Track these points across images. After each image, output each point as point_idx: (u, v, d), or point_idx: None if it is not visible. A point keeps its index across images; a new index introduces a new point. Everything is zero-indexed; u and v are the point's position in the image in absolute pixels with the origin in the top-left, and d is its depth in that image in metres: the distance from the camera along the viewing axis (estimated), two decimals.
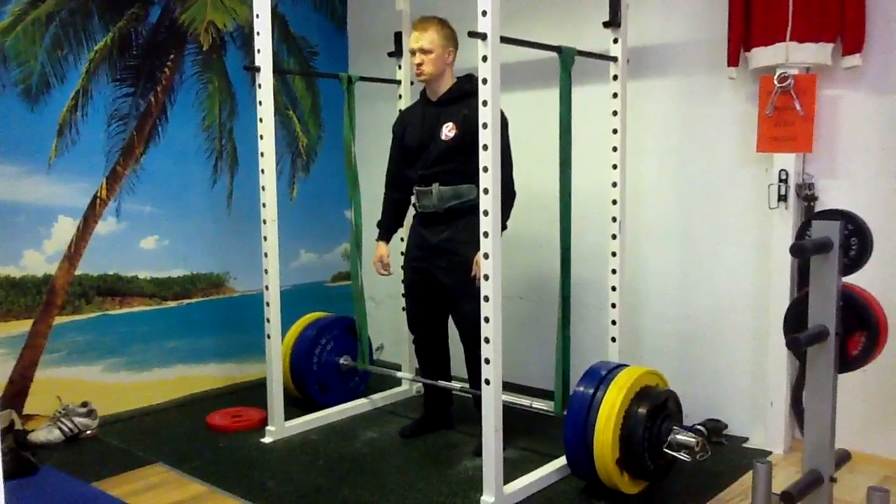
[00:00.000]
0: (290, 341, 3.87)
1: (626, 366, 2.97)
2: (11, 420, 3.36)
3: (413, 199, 3.44)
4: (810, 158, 3.20)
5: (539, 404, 3.23)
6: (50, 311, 3.67)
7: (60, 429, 3.46)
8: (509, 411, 2.87)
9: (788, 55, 3.07)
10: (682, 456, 2.75)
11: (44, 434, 3.43)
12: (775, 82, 3.10)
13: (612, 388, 2.80)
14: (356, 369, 3.99)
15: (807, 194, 3.18)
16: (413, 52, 3.28)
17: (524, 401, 3.27)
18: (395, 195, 3.56)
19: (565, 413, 2.92)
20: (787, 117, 3.12)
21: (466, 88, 3.27)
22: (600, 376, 2.87)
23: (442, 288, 3.35)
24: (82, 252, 3.75)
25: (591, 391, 2.83)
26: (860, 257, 2.30)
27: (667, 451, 2.77)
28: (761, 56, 3.15)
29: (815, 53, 3.04)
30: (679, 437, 2.78)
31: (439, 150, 3.25)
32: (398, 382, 4.15)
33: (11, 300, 3.54)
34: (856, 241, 2.29)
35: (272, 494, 2.95)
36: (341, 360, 3.96)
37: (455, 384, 3.54)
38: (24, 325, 3.59)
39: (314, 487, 3.01)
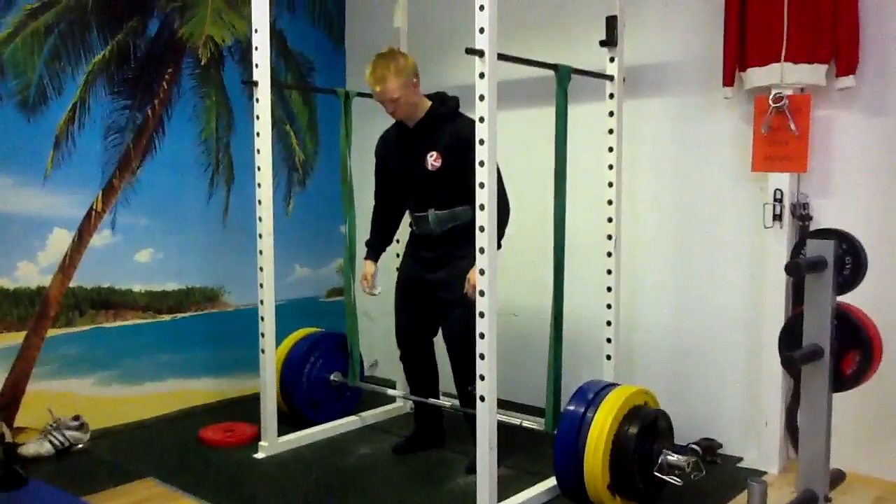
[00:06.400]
0: (279, 358, 3.83)
1: (615, 385, 2.96)
2: (2, 432, 3.33)
3: (410, 222, 3.45)
4: (805, 178, 3.21)
5: (529, 423, 3.20)
6: (43, 323, 3.65)
7: (51, 442, 3.43)
8: (502, 428, 2.86)
9: (783, 76, 3.09)
10: (674, 480, 2.72)
11: (34, 447, 3.40)
12: (770, 102, 3.11)
13: (601, 409, 2.78)
14: (347, 385, 3.97)
15: (801, 213, 3.19)
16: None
17: (514, 419, 3.22)
18: (383, 215, 3.58)
19: (555, 432, 2.90)
20: (781, 137, 3.13)
21: (442, 112, 3.27)
22: (589, 397, 2.85)
23: (435, 301, 3.34)
24: (77, 264, 3.74)
25: (581, 411, 2.81)
26: (854, 276, 2.31)
27: (657, 474, 2.74)
28: (756, 76, 3.17)
29: (810, 74, 3.06)
30: (670, 458, 2.74)
31: (428, 179, 3.25)
32: (392, 399, 4.13)
33: (4, 311, 3.52)
34: (850, 260, 2.30)
35: None
36: (332, 377, 3.93)
37: (446, 401, 3.52)
38: (17, 337, 3.57)
39: (305, 503, 2.99)
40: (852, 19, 3.00)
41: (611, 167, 3.30)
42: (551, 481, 3.01)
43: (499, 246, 3.13)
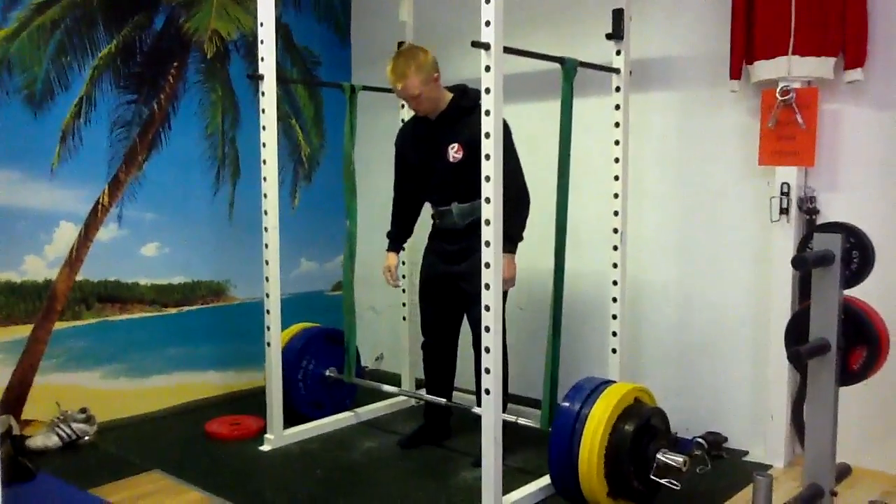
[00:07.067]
0: None
1: (610, 382, 2.92)
2: (10, 425, 3.35)
3: (432, 215, 3.45)
4: (812, 172, 3.20)
5: (525, 420, 3.15)
6: (50, 317, 3.66)
7: (59, 435, 3.45)
8: (507, 423, 2.85)
9: (790, 69, 3.07)
10: (671, 484, 2.67)
11: (42, 440, 3.42)
12: (777, 96, 3.10)
13: (595, 408, 2.73)
14: (343, 381, 3.94)
15: (808, 207, 3.18)
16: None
17: (510, 417, 3.11)
18: (403, 207, 3.58)
19: (550, 430, 2.87)
20: (789, 131, 3.12)
21: (464, 104, 3.27)
22: (583, 396, 2.80)
23: (459, 292, 3.35)
24: (83, 258, 3.75)
25: (575, 410, 2.77)
26: (861, 271, 2.30)
27: (654, 477, 2.68)
28: (763, 69, 3.16)
29: (817, 67, 3.05)
30: (666, 458, 2.69)
31: (450, 172, 3.25)
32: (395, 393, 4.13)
33: (11, 305, 3.53)
34: (857, 255, 2.29)
35: (268, 503, 2.93)
36: (327, 372, 3.92)
37: (457, 399, 3.52)
38: (24, 331, 3.58)
39: (311, 496, 3.00)
40: (860, 12, 2.98)
41: (617, 160, 3.29)
42: (548, 478, 2.98)
43: (521, 238, 3.14)
